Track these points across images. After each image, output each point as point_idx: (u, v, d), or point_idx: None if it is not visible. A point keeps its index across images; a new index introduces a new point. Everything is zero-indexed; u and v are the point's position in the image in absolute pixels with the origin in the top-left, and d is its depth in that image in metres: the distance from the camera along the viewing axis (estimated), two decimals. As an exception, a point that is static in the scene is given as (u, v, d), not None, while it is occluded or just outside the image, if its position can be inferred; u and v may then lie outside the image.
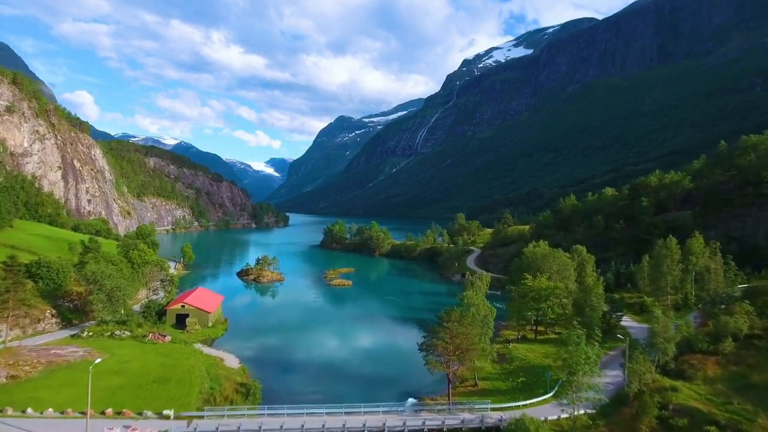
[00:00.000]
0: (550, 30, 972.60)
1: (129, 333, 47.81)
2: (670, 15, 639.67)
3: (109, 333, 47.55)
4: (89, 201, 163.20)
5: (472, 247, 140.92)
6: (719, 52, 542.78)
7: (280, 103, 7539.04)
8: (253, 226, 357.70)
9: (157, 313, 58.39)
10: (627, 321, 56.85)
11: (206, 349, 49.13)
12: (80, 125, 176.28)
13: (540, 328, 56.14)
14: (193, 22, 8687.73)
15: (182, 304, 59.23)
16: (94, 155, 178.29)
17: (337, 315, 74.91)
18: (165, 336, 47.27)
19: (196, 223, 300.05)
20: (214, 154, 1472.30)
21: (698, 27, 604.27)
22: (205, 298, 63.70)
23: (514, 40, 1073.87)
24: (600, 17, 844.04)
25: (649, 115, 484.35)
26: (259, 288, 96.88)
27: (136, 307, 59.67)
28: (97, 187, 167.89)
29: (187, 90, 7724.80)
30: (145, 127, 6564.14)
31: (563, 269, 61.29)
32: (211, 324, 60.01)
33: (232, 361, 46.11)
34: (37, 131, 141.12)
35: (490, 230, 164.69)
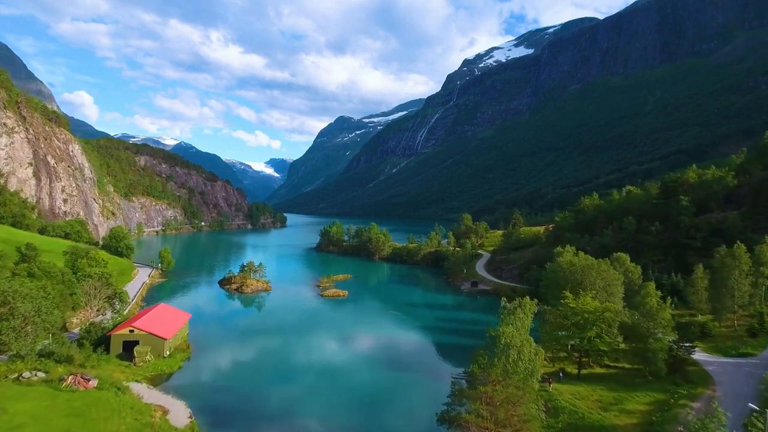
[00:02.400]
0: (551, 29, 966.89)
1: (43, 374, 35.75)
2: (673, 14, 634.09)
3: (16, 375, 35.43)
4: (65, 200, 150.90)
5: (480, 251, 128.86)
6: (723, 51, 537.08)
7: (280, 103, 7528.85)
8: (249, 227, 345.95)
9: (99, 340, 46.34)
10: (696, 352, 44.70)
11: (149, 394, 37.03)
12: (57, 119, 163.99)
13: (582, 359, 44.12)
14: (192, 21, 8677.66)
15: (130, 328, 47.10)
16: (72, 151, 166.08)
17: (327, 336, 62.45)
18: (89, 379, 35.18)
19: (188, 224, 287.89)
20: (214, 155, 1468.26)
21: (701, 26, 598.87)
22: (164, 318, 51.50)
23: (515, 39, 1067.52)
24: (600, 17, 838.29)
25: (653, 114, 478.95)
26: (241, 300, 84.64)
27: (74, 333, 47.68)
28: (74, 185, 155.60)
29: (186, 90, 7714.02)
30: (144, 127, 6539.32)
31: (609, 285, 49.23)
32: (168, 353, 47.85)
33: (179, 414, 34.04)
34: (4, 124, 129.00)
35: (498, 232, 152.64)
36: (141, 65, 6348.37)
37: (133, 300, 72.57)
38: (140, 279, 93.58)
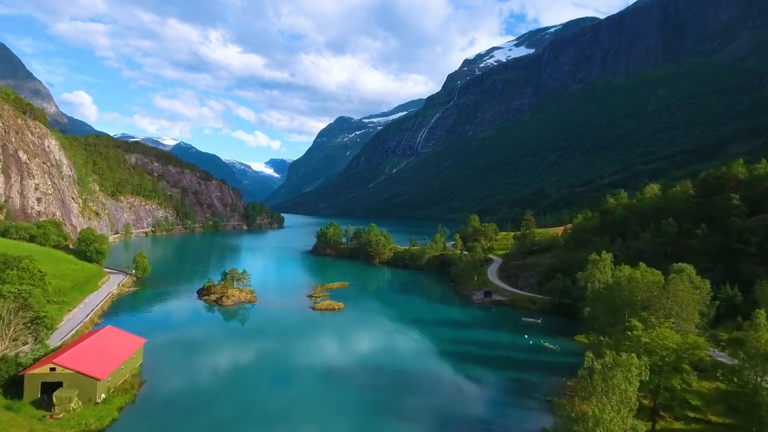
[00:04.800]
0: (552, 29, 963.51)
1: None
2: (675, 13, 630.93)
3: None
4: (39, 200, 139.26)
5: (490, 255, 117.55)
6: (726, 51, 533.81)
7: (279, 103, 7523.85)
8: (245, 228, 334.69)
9: (11, 381, 34.96)
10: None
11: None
12: (31, 111, 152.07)
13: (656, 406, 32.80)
14: (191, 21, 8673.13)
15: (52, 364, 35.64)
16: (49, 147, 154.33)
17: (316, 368, 49.31)
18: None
19: (180, 225, 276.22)
20: (213, 155, 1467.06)
21: (704, 25, 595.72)
22: (103, 349, 40.01)
23: (516, 39, 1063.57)
24: (600, 16, 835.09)
25: (655, 114, 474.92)
26: (218, 314, 72.96)
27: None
28: (50, 183, 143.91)
29: (186, 90, 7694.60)
30: (144, 127, 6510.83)
31: (682, 308, 37.55)
32: (103, 396, 36.40)
33: None
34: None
35: (507, 234, 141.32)
36: (140, 65, 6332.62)
37: (87, 316, 61.13)
38: (107, 288, 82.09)
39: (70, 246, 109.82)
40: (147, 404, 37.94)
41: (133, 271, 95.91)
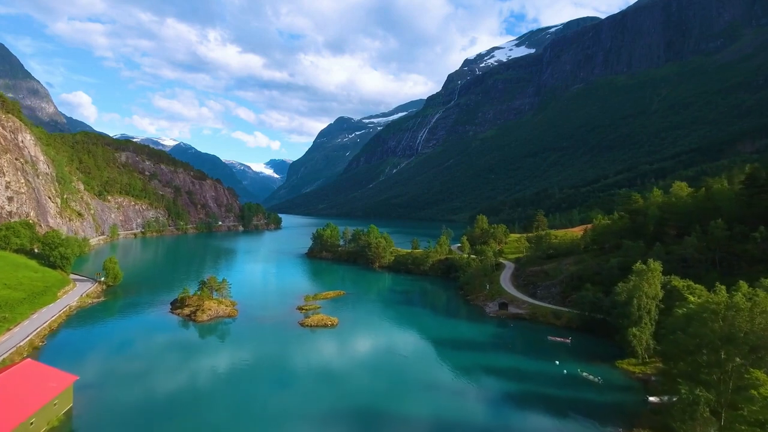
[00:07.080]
0: (553, 29, 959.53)
1: None
2: (678, 12, 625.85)
3: None
4: (10, 199, 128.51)
5: (500, 259, 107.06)
6: (730, 49, 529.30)
7: (279, 103, 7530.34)
8: (240, 228, 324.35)
9: None
10: None
11: None
12: (4, 103, 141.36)
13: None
14: (189, 20, 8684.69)
15: None
16: (23, 142, 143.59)
17: (297, 409, 39.15)
18: None
19: (171, 226, 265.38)
20: (213, 155, 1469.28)
21: (707, 24, 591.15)
22: (4, 398, 29.41)
23: (516, 39, 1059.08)
24: (600, 16, 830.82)
25: (659, 114, 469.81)
26: (190, 333, 62.03)
27: None
28: (23, 181, 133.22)
29: (185, 90, 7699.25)
30: (143, 127, 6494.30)
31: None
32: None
33: None
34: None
35: (521, 236, 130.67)
36: (139, 65, 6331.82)
37: (26, 338, 50.49)
38: (67, 300, 71.40)
39: (36, 250, 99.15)
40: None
41: (103, 278, 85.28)
